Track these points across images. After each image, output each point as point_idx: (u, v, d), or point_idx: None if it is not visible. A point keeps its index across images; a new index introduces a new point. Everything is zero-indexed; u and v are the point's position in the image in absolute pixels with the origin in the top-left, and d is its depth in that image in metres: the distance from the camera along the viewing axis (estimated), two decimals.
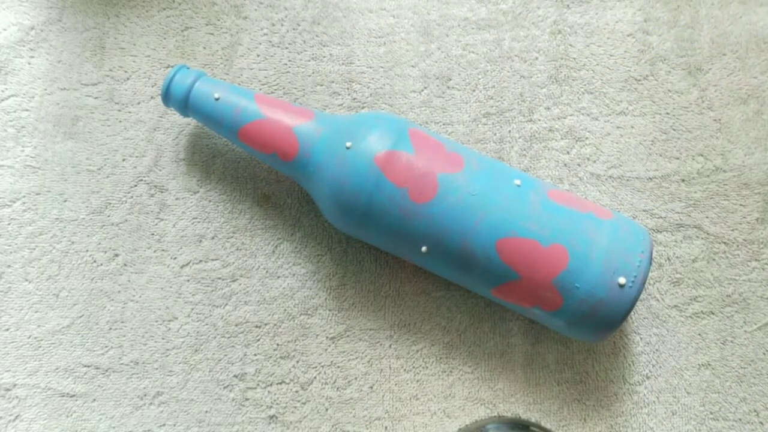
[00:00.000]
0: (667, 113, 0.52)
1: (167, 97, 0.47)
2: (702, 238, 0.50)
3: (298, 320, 0.49)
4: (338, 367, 0.49)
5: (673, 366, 0.48)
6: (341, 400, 0.48)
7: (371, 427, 0.48)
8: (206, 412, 0.48)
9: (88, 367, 0.49)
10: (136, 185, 0.51)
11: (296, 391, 0.48)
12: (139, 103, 0.53)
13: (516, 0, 0.54)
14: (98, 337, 0.49)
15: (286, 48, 0.53)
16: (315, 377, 0.49)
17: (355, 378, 0.48)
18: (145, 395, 0.49)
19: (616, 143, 0.51)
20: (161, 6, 0.54)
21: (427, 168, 0.41)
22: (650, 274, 0.49)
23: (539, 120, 0.52)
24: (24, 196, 0.51)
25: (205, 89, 0.46)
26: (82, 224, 0.51)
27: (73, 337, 0.49)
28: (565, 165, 0.51)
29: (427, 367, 0.49)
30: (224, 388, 0.49)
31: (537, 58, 0.53)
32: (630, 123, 0.51)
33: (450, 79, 0.53)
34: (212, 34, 0.54)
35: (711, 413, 0.47)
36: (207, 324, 0.49)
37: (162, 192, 0.51)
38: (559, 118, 0.52)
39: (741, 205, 0.50)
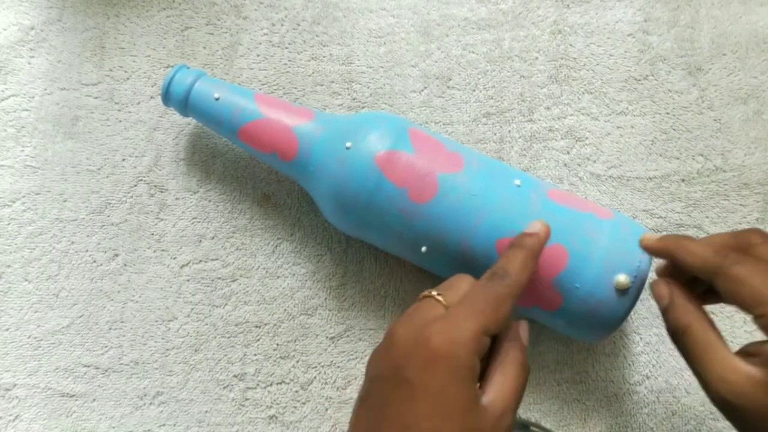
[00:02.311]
0: (667, 113, 0.52)
1: (167, 96, 0.47)
2: None
3: (298, 320, 0.49)
4: (338, 367, 0.49)
5: (673, 366, 0.48)
6: (341, 400, 0.48)
7: None
8: (206, 412, 0.48)
9: (88, 367, 0.49)
10: (136, 185, 0.51)
11: (296, 391, 0.49)
12: (139, 103, 0.53)
13: (516, 0, 0.54)
14: (98, 337, 0.49)
15: (286, 48, 0.53)
16: (315, 377, 0.49)
17: (355, 378, 0.48)
18: (145, 395, 0.49)
19: (616, 143, 0.51)
20: (161, 6, 0.54)
21: (427, 168, 0.41)
22: (651, 274, 0.49)
23: (539, 120, 0.52)
24: (24, 196, 0.51)
25: (205, 89, 0.46)
26: (82, 224, 0.51)
27: (73, 337, 0.49)
28: (565, 165, 0.51)
29: None
30: (224, 388, 0.49)
31: (537, 58, 0.53)
32: (630, 123, 0.51)
33: (450, 79, 0.53)
34: (212, 34, 0.54)
35: (711, 413, 0.47)
36: (207, 324, 0.49)
37: (162, 192, 0.51)
38: (559, 118, 0.52)
39: (741, 205, 0.50)
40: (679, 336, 0.35)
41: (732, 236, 0.36)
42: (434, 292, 0.34)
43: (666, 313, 0.36)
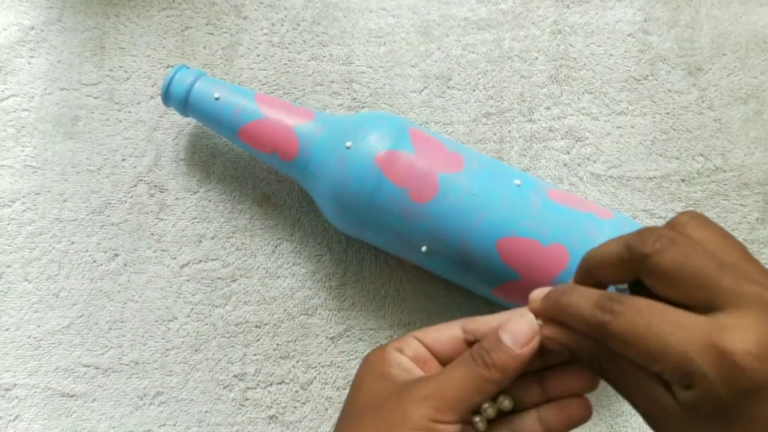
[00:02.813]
0: (667, 113, 0.52)
1: (167, 96, 0.47)
2: None
3: (298, 320, 0.49)
4: (338, 367, 0.49)
5: None
6: (341, 400, 0.48)
7: None
8: (206, 412, 0.48)
9: (88, 367, 0.49)
10: (136, 185, 0.51)
11: (296, 391, 0.49)
12: (139, 103, 0.53)
13: (516, 0, 0.54)
14: (98, 337, 0.49)
15: (286, 48, 0.53)
16: (315, 377, 0.49)
17: None
18: (145, 395, 0.49)
19: (616, 143, 0.51)
20: (161, 6, 0.54)
21: (427, 168, 0.41)
22: None
23: (539, 120, 0.52)
24: (24, 196, 0.51)
25: (205, 89, 0.46)
26: (82, 224, 0.51)
27: (73, 337, 0.49)
28: (565, 165, 0.51)
29: None
30: (224, 388, 0.49)
31: (537, 58, 0.53)
32: (630, 123, 0.51)
33: (450, 79, 0.53)
34: (212, 34, 0.54)
35: None
36: (207, 324, 0.49)
37: (162, 192, 0.51)
38: (559, 118, 0.52)
39: (741, 205, 0.50)
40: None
41: (625, 247, 0.27)
42: None
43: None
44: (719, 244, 0.27)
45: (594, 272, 0.30)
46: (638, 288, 0.28)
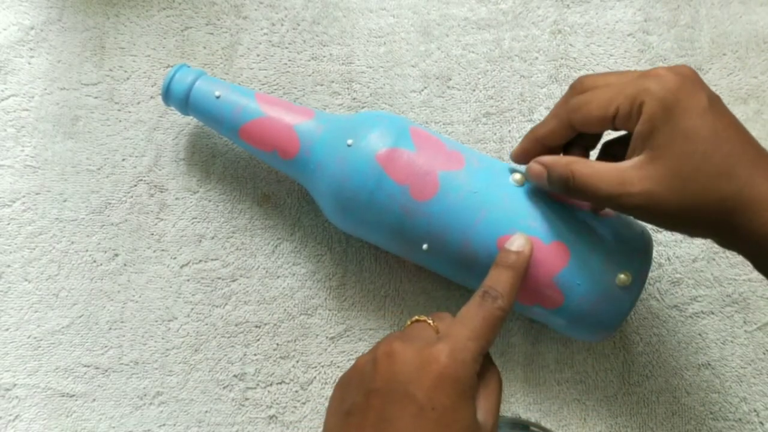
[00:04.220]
0: None
1: (168, 95, 0.47)
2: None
3: (298, 320, 0.49)
4: (338, 367, 0.49)
5: (673, 366, 0.48)
6: None
7: None
8: (206, 412, 0.48)
9: (88, 367, 0.49)
10: (135, 185, 0.51)
11: (296, 391, 0.48)
12: (139, 103, 0.53)
13: (516, 0, 0.54)
14: (98, 337, 0.49)
15: (286, 48, 0.54)
16: (315, 377, 0.49)
17: None
18: (145, 395, 0.48)
19: None
20: (161, 6, 0.54)
21: (428, 166, 0.41)
22: (650, 274, 0.49)
23: (539, 120, 0.52)
24: (24, 196, 0.51)
25: (205, 87, 0.46)
26: (82, 224, 0.51)
27: (73, 337, 0.49)
28: None
29: None
30: (224, 388, 0.48)
31: (537, 58, 0.53)
32: None
33: (450, 79, 0.53)
34: (212, 34, 0.54)
35: (711, 413, 0.47)
36: (207, 324, 0.49)
37: (162, 192, 0.51)
38: None
39: None
40: (571, 187, 0.36)
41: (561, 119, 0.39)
42: (424, 317, 0.36)
43: (551, 180, 0.38)
44: None
45: (543, 141, 0.40)
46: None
